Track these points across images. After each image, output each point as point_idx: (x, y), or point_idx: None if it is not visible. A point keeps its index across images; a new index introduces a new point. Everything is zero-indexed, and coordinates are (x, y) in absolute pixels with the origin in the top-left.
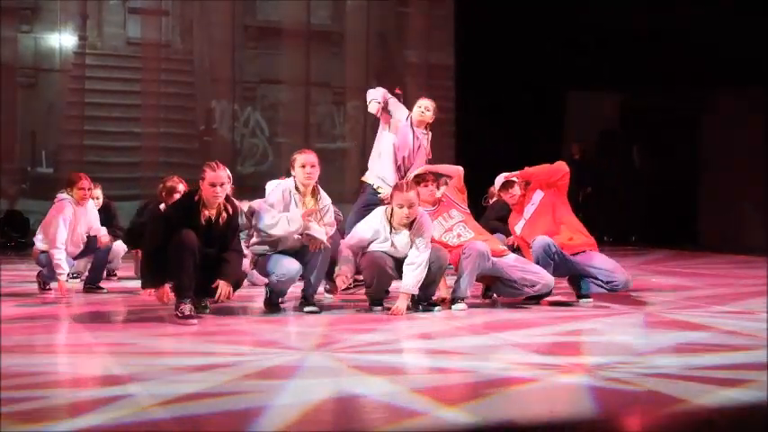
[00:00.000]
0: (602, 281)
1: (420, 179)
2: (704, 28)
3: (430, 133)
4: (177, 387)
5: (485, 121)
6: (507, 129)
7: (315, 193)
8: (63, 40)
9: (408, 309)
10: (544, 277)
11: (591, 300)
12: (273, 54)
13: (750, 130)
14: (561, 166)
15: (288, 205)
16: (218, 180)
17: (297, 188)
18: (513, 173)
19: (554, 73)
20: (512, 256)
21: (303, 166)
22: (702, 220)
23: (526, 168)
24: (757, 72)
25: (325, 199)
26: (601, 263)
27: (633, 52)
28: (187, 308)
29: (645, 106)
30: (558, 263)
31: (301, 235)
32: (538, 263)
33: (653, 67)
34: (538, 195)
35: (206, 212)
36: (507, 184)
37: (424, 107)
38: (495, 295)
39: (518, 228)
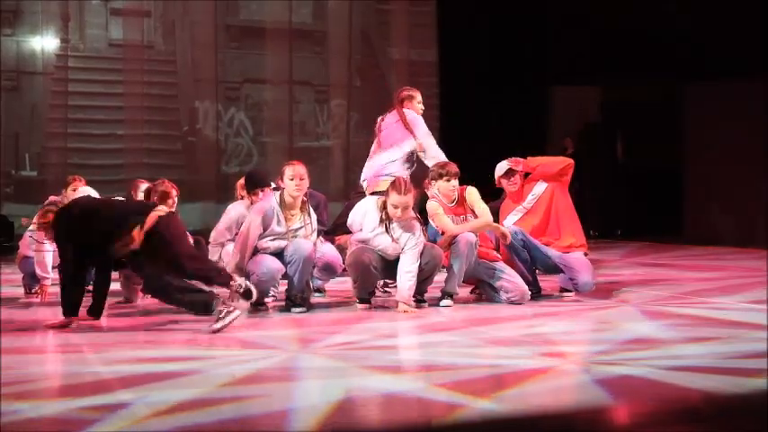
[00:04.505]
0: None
1: (445, 172)
2: (688, 20)
3: None
4: (172, 394)
5: (468, 118)
6: (491, 125)
7: (303, 208)
8: (45, 42)
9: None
10: (520, 287)
11: (573, 293)
12: (256, 53)
13: (733, 122)
14: (567, 159)
15: (270, 223)
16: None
17: (283, 200)
18: (517, 159)
19: (538, 68)
20: (500, 263)
21: (292, 179)
22: (687, 212)
23: (530, 158)
24: (740, 65)
25: (314, 222)
26: (572, 261)
27: (617, 46)
28: None
29: (628, 100)
30: (532, 252)
31: (288, 238)
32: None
33: (636, 61)
34: (540, 186)
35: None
36: (510, 172)
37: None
38: (481, 294)
39: (514, 217)
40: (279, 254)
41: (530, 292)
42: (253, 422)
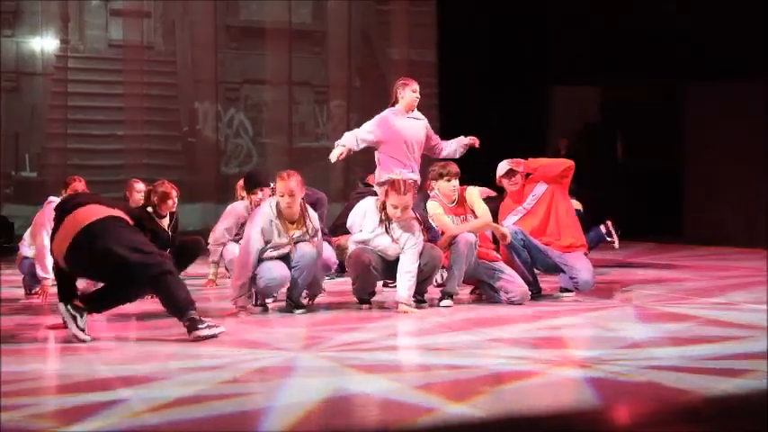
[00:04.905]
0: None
1: (445, 172)
2: (688, 20)
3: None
4: (170, 391)
5: (468, 118)
6: (491, 125)
7: (301, 217)
8: (45, 43)
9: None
10: (521, 287)
11: (572, 293)
12: (256, 54)
13: (733, 122)
14: (568, 161)
15: (269, 237)
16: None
17: (279, 210)
18: (518, 160)
19: (538, 68)
20: (500, 264)
21: (282, 195)
22: (687, 212)
23: (531, 159)
24: (740, 65)
25: (315, 223)
26: (571, 260)
27: (617, 46)
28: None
29: (628, 100)
30: (532, 252)
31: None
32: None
33: (636, 61)
34: (540, 188)
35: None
36: (511, 172)
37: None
38: (481, 295)
39: (514, 217)
40: (283, 256)
41: (530, 292)
42: (247, 421)
